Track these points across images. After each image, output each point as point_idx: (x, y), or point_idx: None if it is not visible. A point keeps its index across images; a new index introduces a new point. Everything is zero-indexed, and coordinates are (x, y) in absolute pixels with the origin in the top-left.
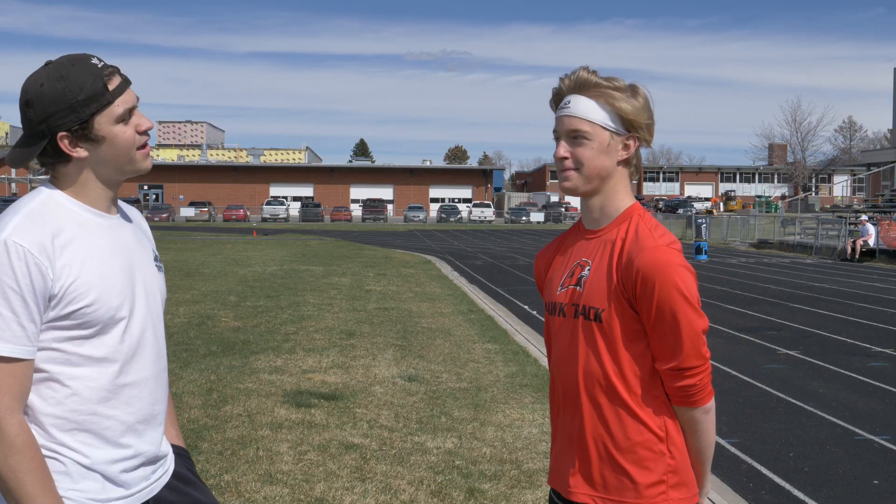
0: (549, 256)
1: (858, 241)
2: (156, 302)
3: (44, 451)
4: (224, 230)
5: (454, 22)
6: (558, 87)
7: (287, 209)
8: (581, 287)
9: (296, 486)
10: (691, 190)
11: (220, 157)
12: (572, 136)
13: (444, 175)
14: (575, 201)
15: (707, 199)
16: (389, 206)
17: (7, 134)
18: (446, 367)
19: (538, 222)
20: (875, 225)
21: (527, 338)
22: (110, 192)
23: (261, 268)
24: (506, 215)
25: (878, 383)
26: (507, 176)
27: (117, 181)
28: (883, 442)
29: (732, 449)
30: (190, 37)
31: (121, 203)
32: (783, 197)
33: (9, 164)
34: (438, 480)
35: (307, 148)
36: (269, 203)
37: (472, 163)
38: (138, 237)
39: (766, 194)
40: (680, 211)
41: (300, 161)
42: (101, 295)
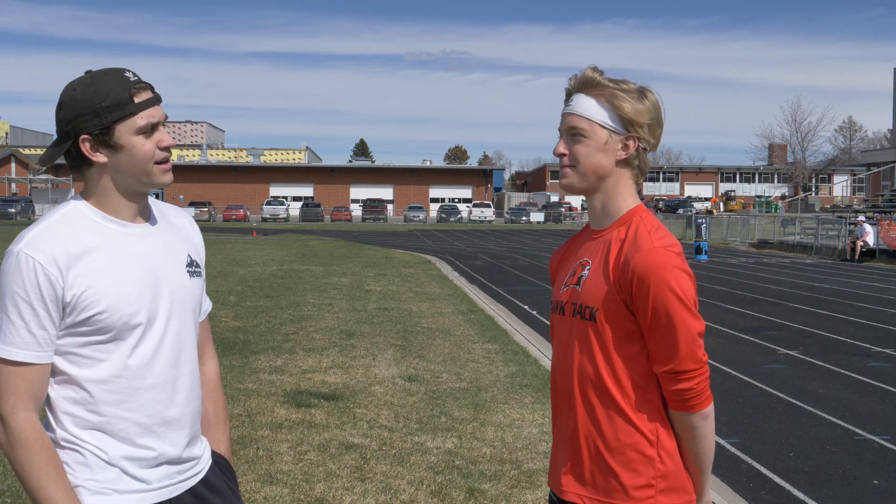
0: (560, 255)
1: (858, 242)
2: (184, 308)
3: (65, 444)
4: (224, 230)
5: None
6: (568, 86)
7: (287, 209)
8: (580, 286)
9: (296, 486)
10: (691, 190)
11: (220, 157)
12: (571, 134)
13: (444, 175)
14: (575, 201)
15: (707, 200)
16: (389, 206)
17: (7, 134)
18: (446, 367)
19: (538, 222)
20: (875, 225)
21: (527, 338)
22: (132, 203)
23: (261, 268)
24: (506, 215)
25: (878, 383)
26: (507, 176)
27: (137, 192)
28: (883, 442)
29: (732, 449)
30: (190, 37)
31: (167, 209)
32: (783, 197)
33: (39, 162)
34: (438, 480)
35: (307, 148)
36: (269, 203)
37: (472, 163)
38: (170, 244)
39: (766, 194)
40: (680, 211)
41: (300, 161)
42: (113, 303)
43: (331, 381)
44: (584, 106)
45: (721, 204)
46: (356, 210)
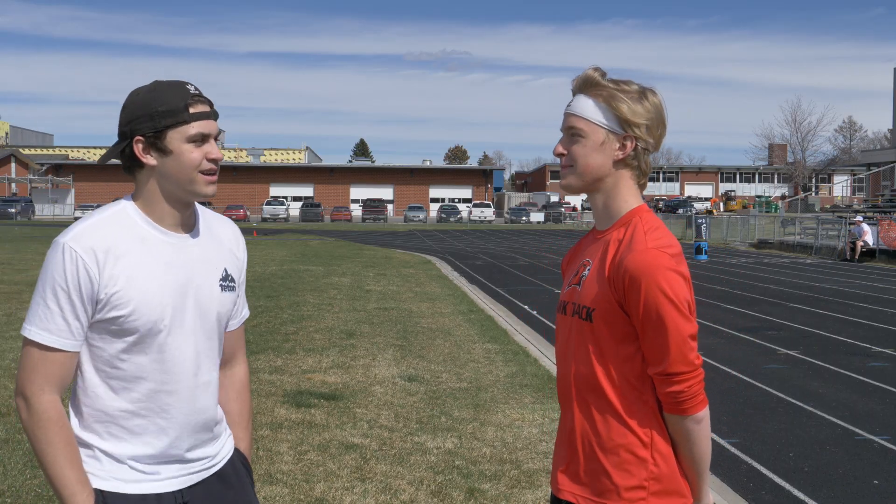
0: (570, 255)
1: (858, 242)
2: (208, 320)
3: (77, 437)
4: None
5: (454, 22)
6: (572, 87)
7: (287, 209)
8: (581, 286)
9: (296, 486)
10: (691, 190)
11: None
12: (570, 134)
13: (444, 175)
14: (575, 201)
15: (707, 200)
16: (389, 206)
17: (7, 134)
18: (446, 367)
19: (538, 222)
20: (874, 225)
21: (527, 338)
22: (176, 212)
23: (261, 268)
24: (506, 215)
25: (878, 383)
26: (507, 176)
27: (181, 200)
28: (883, 442)
29: (732, 449)
30: (190, 37)
31: (214, 220)
32: (783, 197)
33: (99, 161)
34: (438, 480)
35: (307, 148)
36: (269, 203)
37: (472, 163)
38: (208, 257)
39: (766, 194)
40: (680, 211)
41: (300, 161)
42: (139, 306)
43: (331, 381)
44: (583, 106)
45: (721, 204)
46: (356, 210)
